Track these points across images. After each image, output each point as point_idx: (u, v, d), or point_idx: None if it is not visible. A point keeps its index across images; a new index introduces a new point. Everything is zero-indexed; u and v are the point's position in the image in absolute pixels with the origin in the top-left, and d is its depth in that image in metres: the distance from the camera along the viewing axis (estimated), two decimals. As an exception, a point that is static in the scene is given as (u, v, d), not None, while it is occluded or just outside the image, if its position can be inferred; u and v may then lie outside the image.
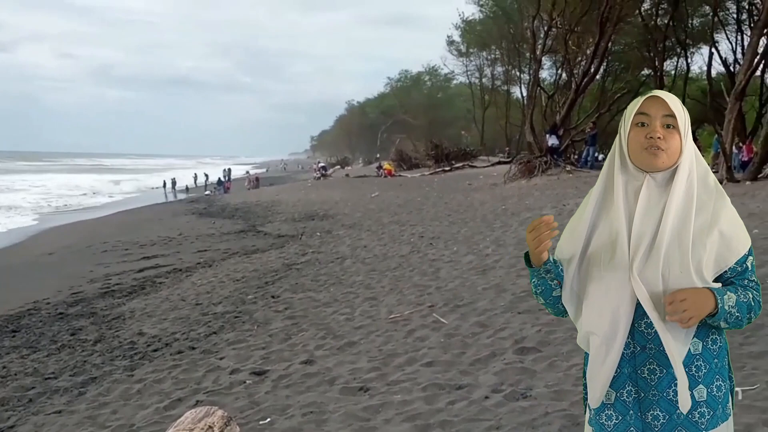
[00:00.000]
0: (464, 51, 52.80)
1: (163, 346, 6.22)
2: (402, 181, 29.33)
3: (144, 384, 5.17)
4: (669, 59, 34.22)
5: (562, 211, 12.45)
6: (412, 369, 4.74)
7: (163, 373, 5.37)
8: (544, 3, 25.82)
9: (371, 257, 9.89)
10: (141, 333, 6.78)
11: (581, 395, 3.82)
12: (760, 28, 14.87)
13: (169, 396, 4.82)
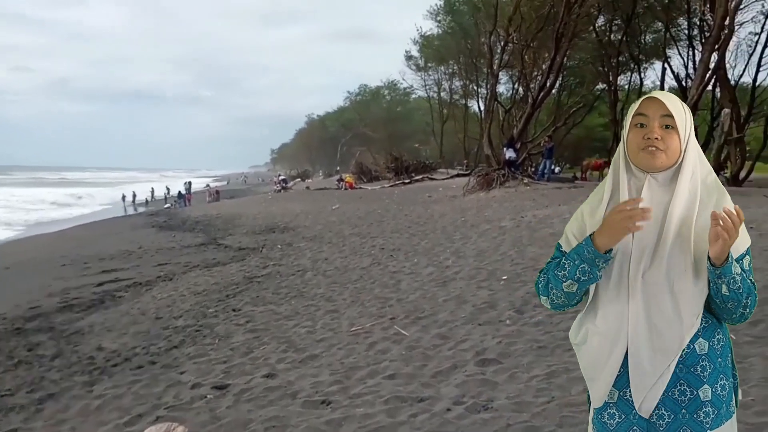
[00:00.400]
0: (422, 66, 53.55)
1: (122, 361, 6.09)
2: (362, 193, 29.38)
3: (103, 400, 5.05)
4: (623, 74, 35.28)
5: (521, 223, 12.64)
6: (374, 382, 4.74)
7: (123, 389, 5.25)
8: (500, 19, 26.32)
9: (332, 270, 9.88)
10: (100, 348, 6.63)
11: (542, 407, 3.91)
12: (711, 45, 15.43)
13: (129, 412, 4.72)
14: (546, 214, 13.45)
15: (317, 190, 34.71)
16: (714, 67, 17.04)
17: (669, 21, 29.61)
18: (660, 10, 29.82)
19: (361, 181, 40.39)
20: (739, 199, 9.40)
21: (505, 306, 6.57)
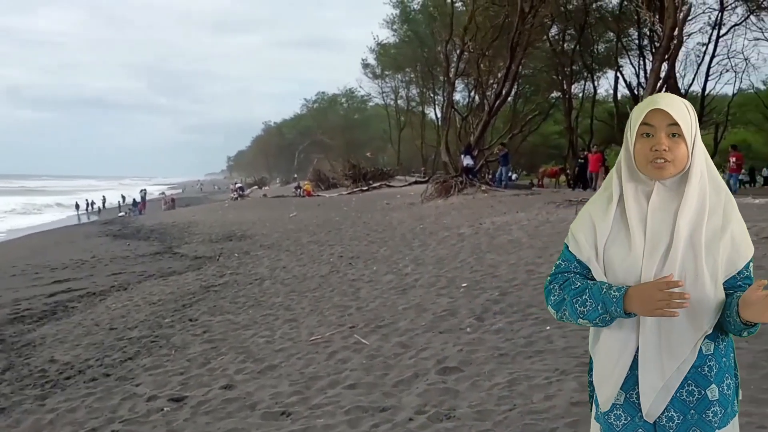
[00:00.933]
0: (379, 73, 53.71)
1: (76, 374, 5.90)
2: (320, 200, 29.29)
3: (56, 414, 4.87)
4: (577, 82, 36.07)
5: (479, 230, 12.74)
6: (334, 392, 4.68)
7: (77, 402, 5.08)
8: (456, 28, 26.64)
9: (290, 278, 9.77)
10: (53, 360, 6.42)
11: (504, 415, 3.91)
12: (662, 54, 15.86)
13: (83, 426, 4.56)
14: (504, 220, 13.59)
15: (274, 198, 34.46)
16: (664, 76, 17.54)
17: (620, 31, 30.46)
18: (611, 21, 30.67)
19: (318, 188, 40.31)
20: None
21: (466, 314, 6.58)
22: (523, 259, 9.35)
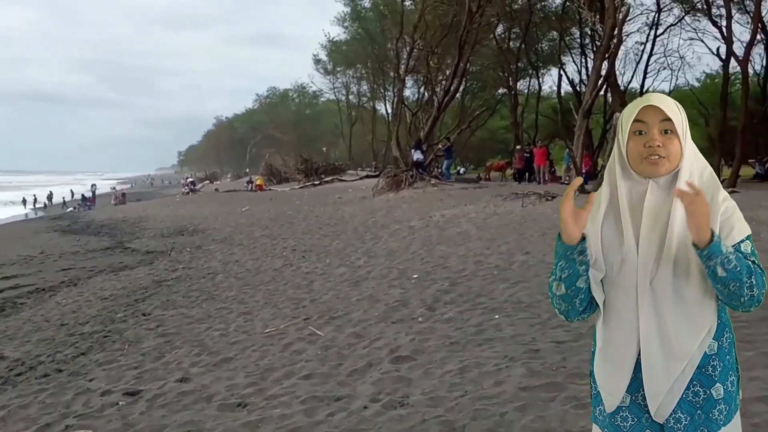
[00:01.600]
0: (331, 69, 53.62)
1: (27, 370, 5.80)
2: (272, 195, 29.07)
3: (8, 411, 4.78)
4: (522, 79, 36.77)
5: (429, 223, 12.95)
6: (290, 382, 4.75)
7: (29, 398, 5.00)
8: (406, 26, 26.84)
9: (244, 272, 9.76)
10: (2, 357, 6.27)
11: (456, 401, 4.05)
12: (602, 53, 16.34)
13: (36, 422, 4.51)
14: (453, 213, 13.83)
15: (226, 192, 34.03)
16: (605, 74, 18.06)
17: (563, 30, 31.26)
18: (555, 21, 31.41)
19: (271, 182, 39.96)
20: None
21: (417, 304, 6.73)
22: (472, 250, 9.58)
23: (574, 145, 16.29)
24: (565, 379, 4.30)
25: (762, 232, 8.33)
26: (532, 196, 14.18)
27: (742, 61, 24.36)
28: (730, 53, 24.93)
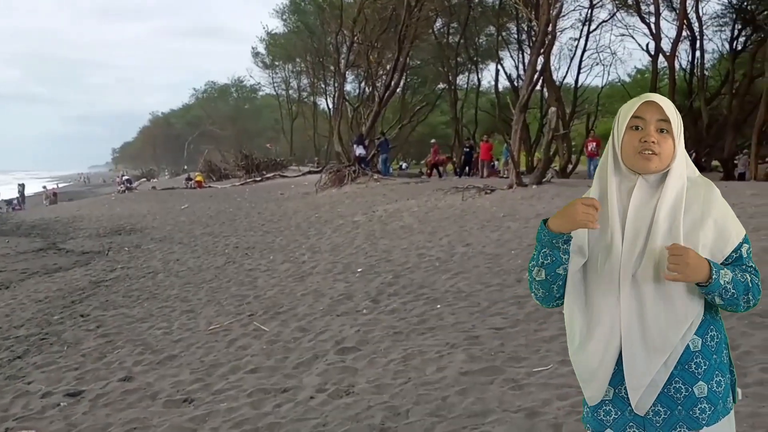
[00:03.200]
0: (270, 63, 53.01)
1: (-40, 375, 5.61)
2: (212, 192, 28.63)
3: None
4: (461, 74, 37.30)
5: (373, 218, 13.07)
6: (236, 377, 4.78)
7: (-38, 404, 4.86)
8: (345, 20, 26.83)
9: (185, 270, 9.65)
10: (-69, 363, 6.04)
11: (400, 388, 4.18)
12: (538, 48, 16.74)
13: (-30, 427, 4.40)
14: (396, 208, 13.99)
15: (164, 190, 33.27)
16: (541, 69, 18.49)
17: (500, 26, 31.89)
18: (492, 16, 31.98)
19: (210, 179, 39.28)
20: (567, 190, 10.40)
21: (362, 297, 6.84)
22: (415, 243, 9.75)
23: (512, 139, 16.67)
24: (503, 362, 4.49)
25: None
26: (471, 190, 14.46)
27: (669, 57, 25.43)
28: (658, 49, 26.02)
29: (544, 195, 13.11)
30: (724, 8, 30.08)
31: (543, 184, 15.18)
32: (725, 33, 30.91)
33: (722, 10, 30.34)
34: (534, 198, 12.88)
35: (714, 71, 33.77)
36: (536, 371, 4.27)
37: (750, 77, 27.89)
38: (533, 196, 13.22)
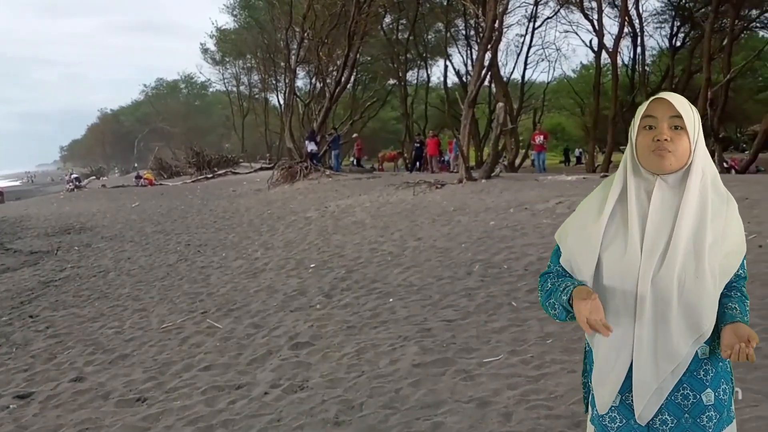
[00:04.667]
0: (220, 60, 52.30)
1: None
2: (163, 189, 28.13)
3: None
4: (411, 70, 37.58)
5: (325, 213, 13.11)
6: (189, 375, 4.78)
7: None
8: (295, 16, 26.69)
9: (137, 269, 9.51)
10: None
11: (353, 381, 4.25)
12: (485, 45, 17.00)
13: None
14: (348, 203, 14.05)
15: (114, 188, 32.51)
16: (488, 64, 18.77)
17: (449, 22, 32.24)
18: (441, 12, 32.29)
19: (161, 177, 38.59)
20: (515, 184, 10.62)
21: (315, 292, 6.89)
22: (367, 238, 9.84)
23: (461, 134, 16.91)
24: (455, 354, 4.61)
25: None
26: (422, 185, 14.62)
27: (612, 53, 26.19)
28: (601, 45, 26.75)
29: (493, 189, 13.32)
30: (663, 6, 31.34)
31: (492, 179, 15.42)
32: (665, 30, 32.37)
33: (662, 8, 31.64)
34: (483, 192, 13.08)
35: (655, 67, 34.99)
36: (487, 362, 4.38)
37: (689, 73, 29.09)
38: (482, 190, 13.42)
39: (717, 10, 24.05)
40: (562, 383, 3.89)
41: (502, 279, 6.62)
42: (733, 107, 31.46)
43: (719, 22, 25.65)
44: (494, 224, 9.64)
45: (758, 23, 29.42)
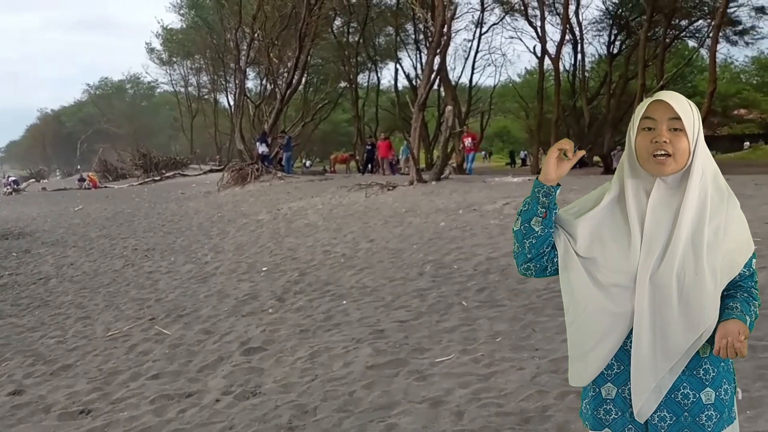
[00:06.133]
0: (167, 59, 51.17)
1: None
2: (109, 192, 27.38)
3: None
4: (362, 73, 37.62)
5: (277, 216, 12.97)
6: (137, 384, 4.64)
7: None
8: (244, 16, 26.37)
9: (80, 275, 9.20)
10: None
11: (307, 386, 4.20)
12: (434, 49, 17.17)
13: None
14: (300, 206, 13.95)
15: (56, 191, 31.46)
16: (437, 68, 18.96)
17: (398, 26, 32.55)
18: (390, 16, 32.56)
19: (106, 179, 37.57)
20: (463, 186, 10.73)
21: (267, 296, 6.80)
22: (320, 240, 9.78)
23: (411, 137, 17.03)
24: (408, 354, 4.61)
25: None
26: (374, 187, 14.63)
27: (554, 59, 27.08)
28: (544, 51, 27.66)
29: (443, 190, 13.46)
30: (602, 14, 33.05)
31: (442, 180, 15.62)
32: (603, 38, 34.07)
33: (600, 16, 33.30)
34: (433, 194, 13.19)
35: (594, 73, 36.55)
36: (439, 361, 4.39)
37: (625, 78, 30.58)
38: (433, 191, 13.55)
39: (651, 19, 25.41)
40: (511, 380, 3.94)
41: (452, 279, 6.68)
42: (667, 111, 32.81)
43: (653, 31, 27.11)
44: (444, 225, 9.71)
45: (687, 33, 31.34)
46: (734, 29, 30.10)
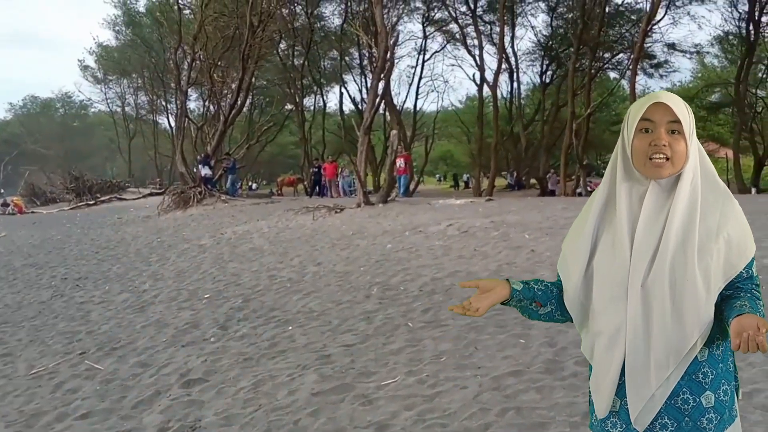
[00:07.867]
0: (102, 78, 49.59)
1: None
2: (36, 218, 26.14)
3: None
4: (308, 96, 37.55)
5: (221, 240, 12.56)
6: (63, 425, 4.26)
7: None
8: (185, 36, 25.87)
9: (2, 308, 8.52)
10: None
11: (250, 417, 3.93)
12: (378, 74, 17.25)
13: None
14: (245, 229, 13.58)
15: (-24, 218, 29.92)
16: (382, 93, 19.09)
17: (343, 51, 32.84)
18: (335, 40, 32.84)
19: (33, 204, 35.94)
20: (410, 208, 10.65)
21: (209, 324, 6.47)
22: (265, 265, 9.47)
23: (358, 160, 17.00)
24: (354, 379, 4.48)
25: (510, 233, 9.44)
26: (322, 209, 14.43)
27: (492, 87, 28.13)
28: (483, 79, 28.76)
29: (390, 213, 13.44)
30: (534, 45, 34.96)
31: (388, 203, 15.65)
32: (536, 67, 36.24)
33: (533, 47, 35.30)
34: (380, 216, 13.13)
35: (529, 100, 38.41)
36: (384, 384, 4.31)
37: (557, 106, 32.38)
38: (380, 214, 13.50)
39: (578, 51, 27.40)
40: (455, 400, 3.94)
41: (398, 300, 6.58)
42: (594, 137, 35.02)
43: (580, 63, 28.97)
44: (391, 247, 9.59)
45: (610, 65, 33.69)
46: (650, 62, 32.53)
